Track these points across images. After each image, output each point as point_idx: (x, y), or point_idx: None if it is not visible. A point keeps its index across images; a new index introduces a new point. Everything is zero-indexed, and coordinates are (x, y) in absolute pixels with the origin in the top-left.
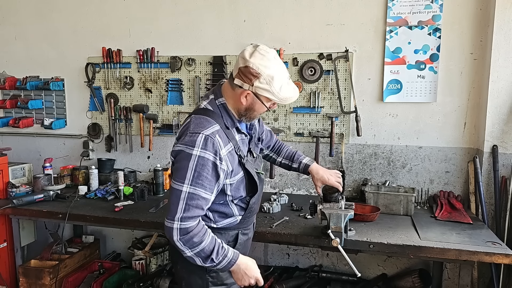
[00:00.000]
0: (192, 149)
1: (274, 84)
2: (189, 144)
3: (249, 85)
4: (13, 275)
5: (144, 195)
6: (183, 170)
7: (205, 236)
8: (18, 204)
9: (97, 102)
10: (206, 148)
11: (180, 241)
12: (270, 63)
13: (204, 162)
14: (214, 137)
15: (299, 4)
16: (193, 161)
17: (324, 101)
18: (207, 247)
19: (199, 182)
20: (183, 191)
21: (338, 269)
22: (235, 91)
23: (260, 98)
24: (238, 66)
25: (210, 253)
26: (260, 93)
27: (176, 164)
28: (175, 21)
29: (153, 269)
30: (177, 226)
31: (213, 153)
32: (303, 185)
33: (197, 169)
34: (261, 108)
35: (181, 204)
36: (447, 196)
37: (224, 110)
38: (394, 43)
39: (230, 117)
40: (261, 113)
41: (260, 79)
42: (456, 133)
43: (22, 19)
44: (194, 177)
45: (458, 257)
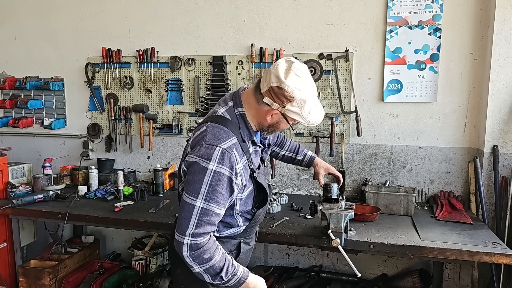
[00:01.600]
0: (208, 163)
1: (305, 107)
2: (205, 157)
3: (280, 107)
4: (12, 275)
5: (144, 195)
6: (197, 184)
7: (215, 252)
8: (18, 204)
9: (97, 102)
10: (223, 163)
11: (190, 257)
12: (304, 86)
13: (220, 177)
14: (231, 151)
15: (299, 4)
16: (208, 175)
17: (324, 101)
18: (217, 264)
19: (214, 198)
20: (196, 206)
21: (338, 269)
22: (260, 107)
23: (287, 119)
24: (270, 84)
25: (220, 270)
26: (288, 115)
27: (189, 176)
28: (175, 21)
29: (153, 269)
30: (188, 242)
31: (229, 168)
32: (303, 185)
33: (212, 185)
34: (285, 126)
35: (193, 220)
36: (448, 196)
37: (243, 121)
38: (394, 43)
39: (248, 130)
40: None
41: (292, 102)
42: (456, 133)
43: (22, 19)
44: (208, 192)
45: (458, 257)
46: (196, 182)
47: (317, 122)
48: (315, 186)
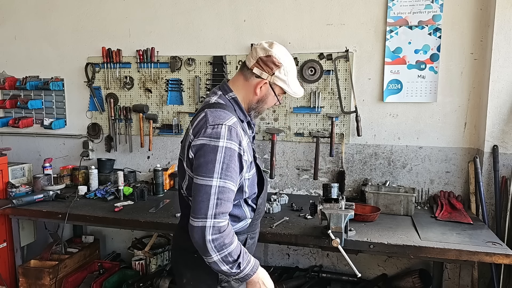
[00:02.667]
0: (218, 141)
1: (290, 76)
2: (214, 136)
3: (268, 75)
4: (12, 275)
5: (144, 195)
6: (211, 164)
7: (234, 238)
8: (18, 204)
9: (97, 102)
10: (232, 139)
11: (212, 242)
12: (288, 57)
13: (231, 153)
14: (236, 127)
15: (299, 4)
16: (221, 153)
17: (324, 101)
18: (235, 250)
19: (228, 174)
20: (213, 186)
21: (338, 269)
22: (249, 82)
23: (275, 89)
24: (257, 56)
25: (237, 257)
26: (277, 83)
27: (200, 159)
28: (175, 21)
29: (153, 269)
30: (211, 224)
31: (238, 144)
32: (303, 185)
33: (226, 161)
34: (272, 100)
35: (212, 200)
36: (448, 196)
37: (236, 104)
38: (394, 43)
39: (242, 111)
40: (269, 107)
41: (281, 69)
42: (456, 133)
43: (22, 19)
44: (223, 169)
45: (458, 257)
46: (209, 162)
47: (300, 94)
48: (315, 186)
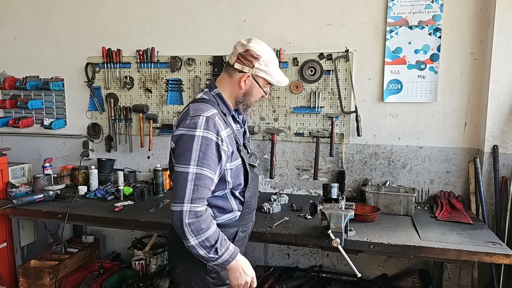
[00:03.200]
0: (194, 131)
1: (271, 67)
2: (191, 126)
3: (249, 68)
4: (13, 275)
5: (144, 195)
6: (188, 152)
7: (211, 224)
8: (18, 204)
9: (97, 102)
10: (208, 128)
11: (188, 226)
12: (266, 49)
13: (208, 142)
14: (214, 118)
15: (299, 4)
16: (197, 141)
17: (324, 101)
18: (212, 235)
19: (205, 162)
20: (190, 173)
21: (339, 269)
22: (233, 78)
23: (258, 81)
24: (237, 52)
25: (215, 242)
26: (259, 75)
27: (179, 148)
28: (175, 21)
29: (153, 269)
30: (187, 209)
31: (215, 134)
32: (303, 185)
33: (202, 149)
34: (258, 92)
35: (189, 186)
36: (448, 196)
37: (220, 99)
38: (394, 43)
39: (226, 105)
40: (257, 99)
41: (260, 61)
42: (456, 133)
43: (22, 19)
44: (199, 157)
45: (459, 257)
46: (186, 150)
47: (284, 83)
48: (315, 186)
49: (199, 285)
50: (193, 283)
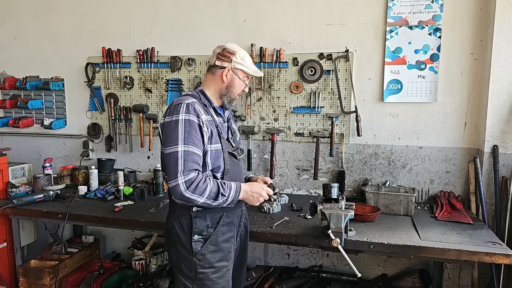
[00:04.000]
0: (178, 116)
1: (246, 61)
2: (174, 113)
3: (228, 63)
4: (13, 275)
5: (144, 195)
6: (174, 134)
7: (207, 180)
8: (18, 204)
9: (97, 102)
10: (189, 112)
11: (189, 192)
12: (240, 48)
13: (190, 123)
14: (194, 104)
15: (299, 4)
16: (181, 124)
17: (324, 101)
18: (213, 188)
19: (190, 141)
20: (179, 151)
21: (339, 269)
22: (215, 75)
23: (238, 74)
24: (215, 53)
25: (218, 190)
26: (237, 67)
27: (165, 134)
28: (175, 21)
29: (153, 269)
30: (182, 181)
31: (196, 116)
32: (303, 185)
33: (186, 130)
34: (239, 84)
35: (180, 162)
36: (448, 196)
37: (202, 94)
38: (394, 43)
39: (208, 100)
40: (239, 92)
41: (236, 55)
42: (456, 133)
43: (22, 19)
44: (185, 137)
45: (459, 257)
46: (172, 133)
47: (259, 73)
48: (315, 186)
49: (187, 266)
50: (183, 265)
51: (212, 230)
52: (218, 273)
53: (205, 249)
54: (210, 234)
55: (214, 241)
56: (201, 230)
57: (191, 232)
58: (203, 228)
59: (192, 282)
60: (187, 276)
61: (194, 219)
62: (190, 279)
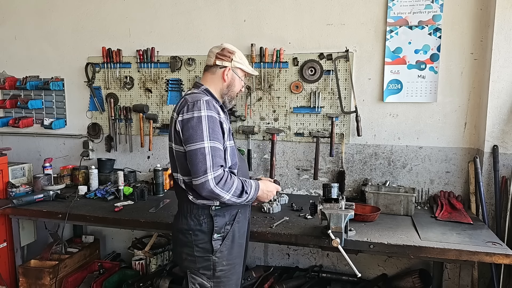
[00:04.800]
0: (200, 112)
1: (244, 60)
2: (196, 109)
3: (228, 62)
4: (13, 275)
5: (144, 195)
6: (199, 131)
7: (233, 177)
8: (18, 204)
9: (97, 102)
10: (210, 108)
11: (219, 188)
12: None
13: (213, 119)
14: (212, 101)
15: (299, 4)
16: (205, 120)
17: (324, 101)
18: (238, 185)
19: (215, 136)
20: (206, 147)
21: (339, 269)
22: (216, 74)
23: (237, 73)
24: (214, 54)
25: (242, 188)
26: (237, 66)
27: (188, 131)
28: (175, 21)
29: (153, 269)
30: (211, 176)
31: (217, 113)
32: (303, 185)
33: (211, 126)
34: (239, 83)
35: (208, 158)
36: (448, 196)
37: (208, 92)
38: (394, 43)
39: (214, 98)
40: (238, 91)
41: (235, 55)
42: (456, 133)
43: (22, 19)
44: (210, 133)
45: (458, 257)
46: (197, 129)
47: (256, 73)
48: (315, 186)
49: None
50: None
51: (230, 227)
52: (233, 270)
53: (223, 246)
54: (228, 231)
55: (231, 238)
56: (220, 228)
57: (211, 231)
58: (222, 225)
59: (209, 280)
60: (204, 275)
61: (214, 218)
62: (208, 277)
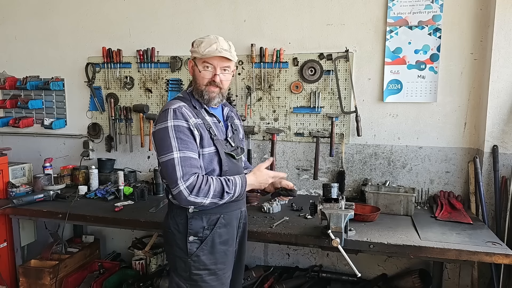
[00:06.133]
0: (166, 123)
1: (202, 45)
2: (163, 120)
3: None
4: (13, 275)
5: (144, 195)
6: (166, 142)
7: (209, 181)
8: (18, 204)
9: (97, 102)
10: (177, 117)
11: (193, 196)
12: (207, 36)
13: (179, 128)
14: (181, 109)
15: (299, 4)
16: (171, 131)
17: (324, 101)
18: (216, 187)
19: (184, 145)
20: (175, 158)
21: (338, 269)
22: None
23: (196, 63)
24: None
25: (222, 189)
26: (193, 56)
27: (157, 142)
28: (175, 21)
29: (153, 269)
30: (183, 186)
31: (185, 120)
32: (303, 185)
33: (177, 136)
34: (198, 74)
35: (178, 169)
36: (447, 196)
37: (192, 95)
38: (394, 43)
39: (198, 101)
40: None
41: (193, 44)
42: (456, 133)
43: (22, 19)
44: (178, 143)
45: (458, 257)
46: (164, 141)
47: (213, 53)
48: (315, 186)
49: (181, 266)
50: (177, 265)
51: (209, 232)
52: (214, 276)
53: (200, 250)
54: (206, 235)
55: (211, 243)
56: (196, 232)
57: (186, 232)
58: (198, 229)
59: (186, 282)
60: (181, 276)
61: (189, 220)
62: (184, 279)
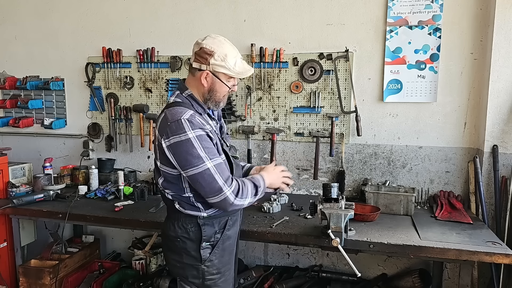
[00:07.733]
0: (186, 134)
1: (228, 60)
2: (180, 132)
3: (206, 65)
4: (13, 275)
5: (144, 195)
6: (193, 154)
7: (244, 181)
8: (18, 204)
9: (97, 102)
10: (194, 128)
11: (238, 199)
12: (221, 44)
13: (201, 137)
14: (194, 118)
15: (299, 4)
16: (195, 142)
17: (324, 101)
18: (249, 186)
19: (212, 153)
20: (210, 167)
21: (338, 269)
22: (196, 77)
23: (219, 76)
24: (194, 53)
25: (255, 187)
26: (217, 70)
27: (181, 155)
28: (175, 21)
29: (153, 269)
30: (229, 192)
31: (202, 128)
32: (303, 185)
33: (203, 145)
34: (221, 87)
35: (217, 176)
36: (447, 196)
37: (192, 99)
38: (394, 43)
39: (200, 105)
40: (224, 94)
41: (214, 56)
42: (456, 133)
43: (22, 19)
44: (206, 152)
45: (458, 257)
46: (190, 153)
47: (248, 72)
48: (315, 185)
49: (194, 275)
50: (188, 273)
51: (220, 236)
52: (223, 278)
53: (213, 255)
54: (217, 239)
55: (221, 246)
56: (209, 237)
57: (199, 240)
58: (211, 235)
59: None
60: (193, 283)
61: (203, 227)
62: (197, 286)
